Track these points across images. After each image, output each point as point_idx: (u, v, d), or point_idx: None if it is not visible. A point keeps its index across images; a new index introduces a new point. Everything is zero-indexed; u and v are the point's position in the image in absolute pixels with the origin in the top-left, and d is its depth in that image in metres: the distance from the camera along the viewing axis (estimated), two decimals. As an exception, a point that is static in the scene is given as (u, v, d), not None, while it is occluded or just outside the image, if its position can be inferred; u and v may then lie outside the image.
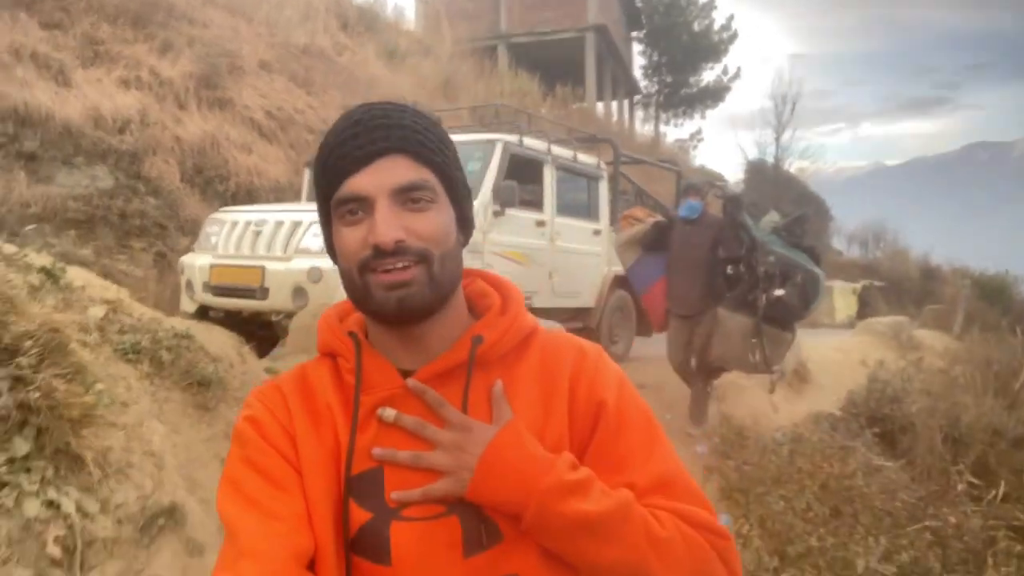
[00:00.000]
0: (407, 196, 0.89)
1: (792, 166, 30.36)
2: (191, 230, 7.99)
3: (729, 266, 5.37)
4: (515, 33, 23.10)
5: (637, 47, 29.87)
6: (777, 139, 29.70)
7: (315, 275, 4.64)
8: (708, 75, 30.69)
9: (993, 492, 5.49)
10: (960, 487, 5.45)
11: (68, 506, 1.71)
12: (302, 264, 4.77)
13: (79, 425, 1.82)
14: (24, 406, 1.71)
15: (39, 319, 1.82)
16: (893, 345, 11.10)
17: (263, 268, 4.95)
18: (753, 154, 30.30)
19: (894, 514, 4.09)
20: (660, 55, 29.80)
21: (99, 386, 1.92)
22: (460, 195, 0.97)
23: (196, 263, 5.42)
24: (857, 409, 7.29)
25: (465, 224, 0.98)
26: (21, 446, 1.70)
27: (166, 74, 10.40)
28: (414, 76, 16.14)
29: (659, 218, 6.14)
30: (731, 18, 30.35)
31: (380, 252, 0.87)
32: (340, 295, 1.02)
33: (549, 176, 6.68)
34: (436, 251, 0.90)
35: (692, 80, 30.83)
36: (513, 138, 6.27)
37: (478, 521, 0.89)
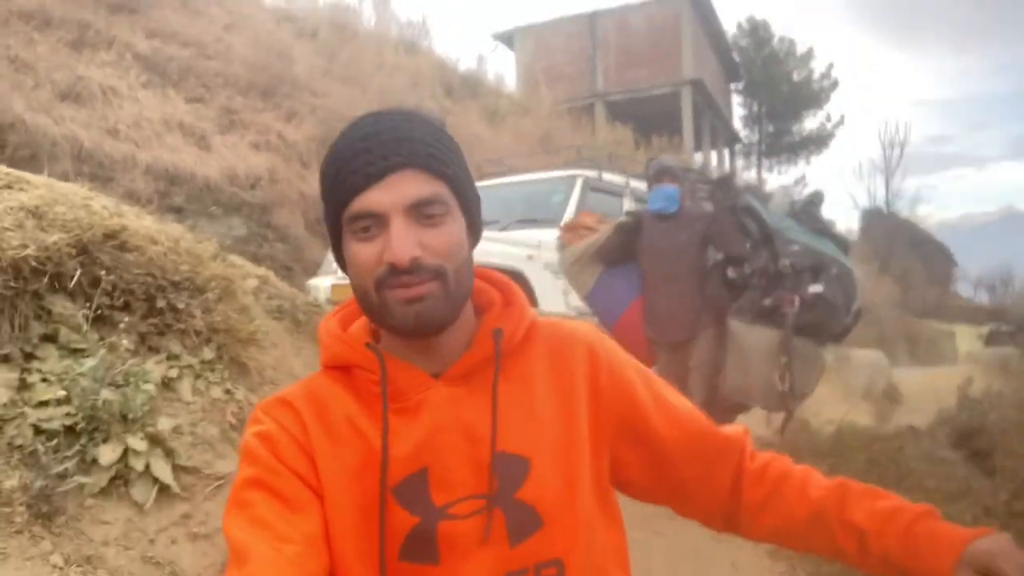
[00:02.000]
0: (421, 211, 0.89)
1: (905, 212, 29.66)
2: (313, 271, 8.95)
3: (730, 268, 4.01)
4: (611, 91, 23.79)
5: (737, 98, 30.10)
6: (887, 184, 29.24)
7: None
8: (810, 122, 30.60)
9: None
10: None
11: (239, 395, 2.41)
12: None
13: (246, 344, 2.52)
14: (210, 327, 2.43)
15: (218, 271, 2.56)
16: (999, 375, 10.91)
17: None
18: (864, 202, 29.78)
19: (944, 490, 4.35)
20: (760, 105, 29.98)
21: (257, 322, 2.64)
22: (470, 203, 0.96)
23: (321, 284, 6.31)
24: (945, 425, 7.36)
25: (475, 230, 0.98)
26: (208, 353, 2.40)
27: (291, 137, 11.58)
28: (514, 133, 17.04)
29: (619, 219, 4.63)
30: (831, 66, 30.30)
31: (396, 270, 0.87)
32: None
33: (628, 207, 7.24)
34: (451, 265, 0.90)
35: (794, 128, 30.77)
36: (593, 173, 6.87)
37: (520, 511, 0.92)
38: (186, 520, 2.02)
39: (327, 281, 6.21)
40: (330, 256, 6.64)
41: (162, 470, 2.01)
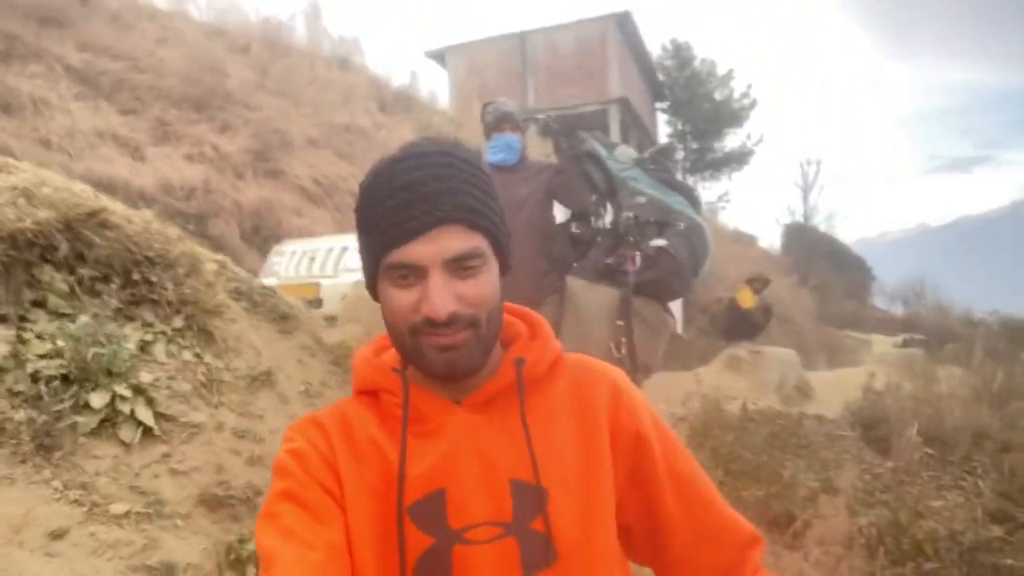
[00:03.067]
0: (459, 264, 0.90)
1: (823, 227, 30.97)
2: (251, 279, 9.17)
3: (575, 223, 3.63)
4: (542, 109, 24.36)
5: (662, 117, 31.14)
6: (805, 199, 30.56)
7: (359, 286, 5.70)
8: (732, 140, 31.83)
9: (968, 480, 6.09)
10: (926, 474, 6.07)
11: (207, 359, 2.70)
12: (348, 279, 5.86)
13: (211, 315, 2.81)
14: (180, 299, 2.71)
15: (187, 249, 2.85)
16: (907, 374, 11.64)
17: (319, 284, 6.05)
18: (784, 216, 31.03)
19: (837, 460, 4.85)
20: (684, 124, 31.07)
21: (221, 296, 2.94)
22: (503, 243, 0.98)
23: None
24: (849, 413, 7.96)
25: (505, 267, 1.00)
26: (178, 322, 2.68)
27: (225, 149, 11.70)
28: (447, 147, 17.34)
29: None
30: (750, 86, 31.63)
31: (433, 322, 0.89)
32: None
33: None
34: (484, 313, 0.92)
35: (716, 146, 31.93)
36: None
37: (535, 542, 0.92)
38: (166, 459, 2.31)
39: (272, 281, 6.44)
40: (273, 258, 6.92)
41: (145, 414, 2.30)
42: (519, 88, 24.28)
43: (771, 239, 29.97)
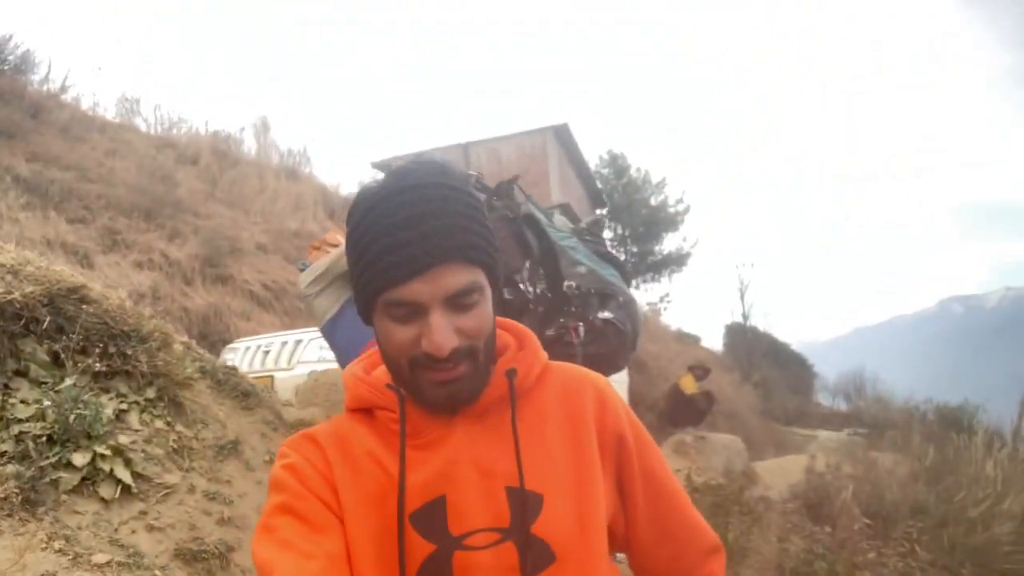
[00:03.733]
0: (458, 300, 0.92)
1: (763, 327, 31.76)
2: (200, 381, 9.17)
3: (507, 288, 3.48)
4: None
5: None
6: (742, 298, 31.57)
7: (313, 376, 5.85)
8: (669, 243, 32.99)
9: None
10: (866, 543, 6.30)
11: (178, 427, 2.83)
12: (303, 371, 5.99)
13: (181, 387, 2.97)
14: (152, 371, 2.87)
15: (159, 325, 3.03)
16: (847, 458, 11.97)
17: (272, 376, 6.17)
18: (724, 316, 31.86)
19: (778, 524, 5.06)
20: (623, 228, 32.20)
21: (189, 370, 3.09)
22: (498, 272, 0.99)
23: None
24: (793, 496, 8.20)
25: (497, 288, 1.01)
26: (151, 393, 2.83)
27: (174, 256, 11.82)
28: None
29: None
30: (683, 192, 33.10)
31: (433, 358, 0.91)
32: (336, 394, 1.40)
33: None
34: (481, 342, 0.95)
35: (656, 249, 33.03)
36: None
37: (533, 546, 0.94)
38: (143, 515, 2.43)
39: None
40: (227, 355, 7.04)
41: (123, 473, 2.43)
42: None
43: (714, 339, 30.67)
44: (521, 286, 3.33)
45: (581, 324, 3.30)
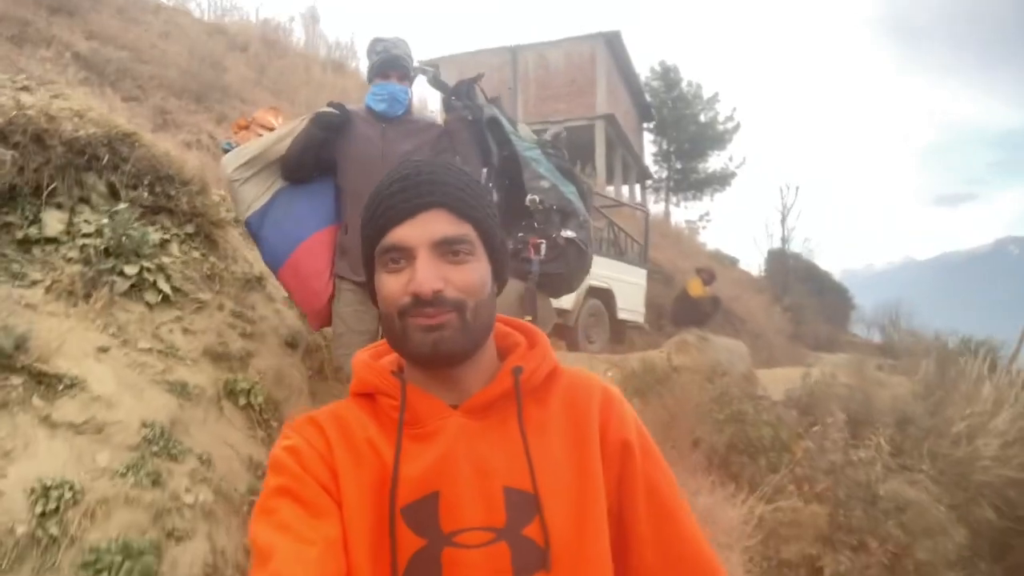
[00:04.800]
0: (447, 248, 0.95)
1: (804, 255, 31.47)
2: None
3: None
4: (530, 121, 24.86)
5: (648, 136, 31.94)
6: (783, 223, 31.35)
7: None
8: (715, 162, 32.67)
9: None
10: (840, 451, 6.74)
11: (211, 259, 3.37)
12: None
13: (216, 226, 3.50)
14: (192, 210, 3.39)
15: (198, 172, 3.54)
16: (847, 371, 12.31)
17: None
18: (762, 239, 31.63)
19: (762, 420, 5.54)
20: (669, 144, 31.92)
21: (224, 214, 3.62)
22: (496, 249, 1.02)
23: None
24: (788, 400, 8.64)
25: (500, 275, 1.03)
26: (189, 228, 3.36)
27: (221, 137, 12.34)
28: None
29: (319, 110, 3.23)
30: (735, 110, 32.55)
31: (419, 300, 0.93)
32: None
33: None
34: (471, 301, 0.96)
35: (700, 167, 32.74)
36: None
37: (527, 548, 0.94)
38: (179, 320, 2.97)
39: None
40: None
41: (164, 286, 2.96)
42: (509, 101, 24.92)
43: (751, 262, 30.66)
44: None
45: (543, 241, 3.20)
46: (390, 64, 3.17)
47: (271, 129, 3.83)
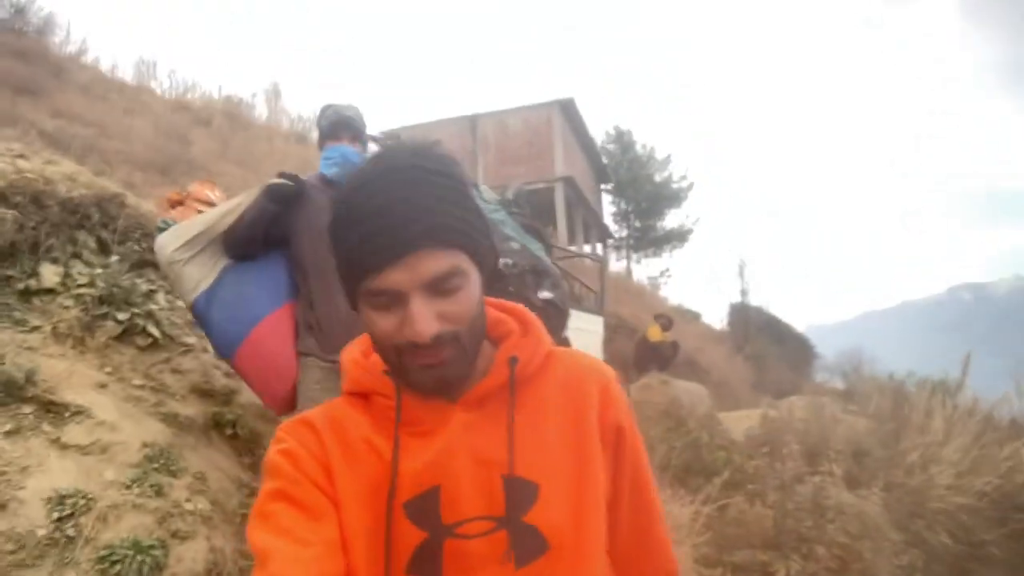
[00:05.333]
0: (438, 286, 0.90)
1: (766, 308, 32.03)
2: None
3: None
4: (491, 185, 25.37)
5: (607, 198, 32.75)
6: (741, 276, 32.09)
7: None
8: (672, 220, 33.54)
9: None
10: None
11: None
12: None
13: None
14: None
15: (179, 230, 3.87)
16: (811, 412, 12.65)
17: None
18: (716, 292, 32.31)
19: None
20: (627, 203, 32.77)
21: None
22: (484, 255, 0.98)
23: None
24: (749, 439, 8.92)
25: (485, 270, 0.99)
26: (173, 280, 3.69)
27: (189, 210, 12.59)
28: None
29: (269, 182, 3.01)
30: (687, 169, 33.69)
31: (417, 346, 0.90)
32: None
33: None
34: (466, 327, 0.93)
35: (658, 225, 33.57)
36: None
37: (527, 534, 0.94)
38: (168, 361, 3.23)
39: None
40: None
41: (154, 330, 3.23)
42: (470, 166, 25.45)
43: (716, 318, 31.17)
44: None
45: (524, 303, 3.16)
46: (342, 125, 3.05)
47: (208, 203, 3.66)
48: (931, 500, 8.04)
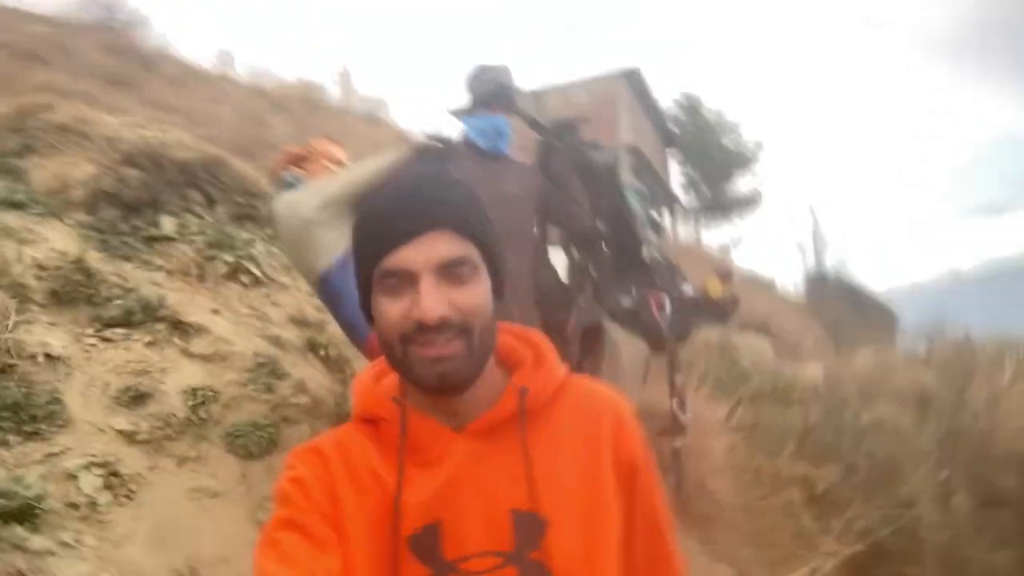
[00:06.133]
0: (450, 271, 0.91)
1: (838, 270, 31.42)
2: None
3: (577, 248, 3.02)
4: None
5: (676, 165, 32.58)
6: (815, 241, 31.58)
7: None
8: (742, 185, 33.12)
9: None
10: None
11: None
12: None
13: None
14: (271, 217, 4.26)
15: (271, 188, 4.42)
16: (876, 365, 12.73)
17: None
18: (794, 257, 31.74)
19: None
20: (695, 170, 32.55)
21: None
22: (497, 264, 0.98)
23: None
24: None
25: (500, 292, 0.99)
26: (270, 231, 4.23)
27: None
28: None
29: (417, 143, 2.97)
30: (758, 133, 33.17)
31: (423, 327, 0.90)
32: None
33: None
34: (476, 323, 0.92)
35: (727, 190, 33.22)
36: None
37: (534, 571, 0.92)
38: (268, 296, 3.77)
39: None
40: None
41: (255, 270, 3.78)
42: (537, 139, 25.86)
43: (788, 284, 30.71)
44: (593, 247, 2.85)
45: (666, 296, 2.91)
46: (499, 95, 2.80)
47: (338, 162, 3.33)
48: (997, 444, 8.09)
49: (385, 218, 0.93)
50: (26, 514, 2.01)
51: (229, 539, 2.31)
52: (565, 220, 2.88)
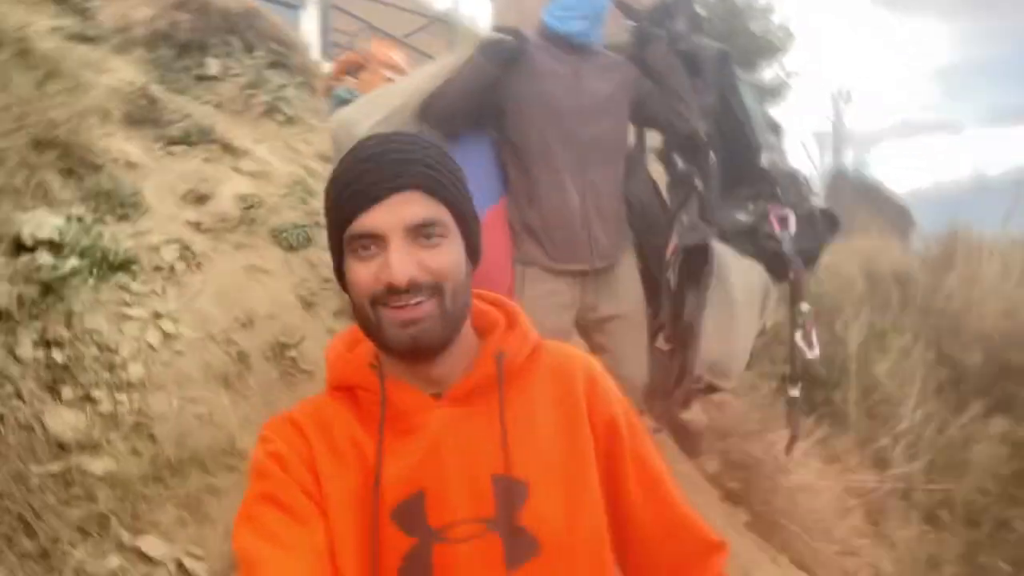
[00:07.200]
0: (420, 232, 0.91)
1: (856, 162, 31.43)
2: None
3: (680, 154, 2.54)
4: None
5: (700, 48, 32.10)
6: (835, 131, 31.42)
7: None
8: (767, 73, 32.70)
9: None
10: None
11: (317, 102, 4.79)
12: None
13: (315, 77, 4.93)
14: (300, 66, 4.79)
15: (302, 40, 4.92)
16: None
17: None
18: (811, 144, 31.78)
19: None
20: (720, 56, 32.14)
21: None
22: (470, 226, 0.98)
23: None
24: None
25: (474, 254, 0.99)
26: (299, 78, 4.77)
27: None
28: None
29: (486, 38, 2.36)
30: (787, 20, 32.43)
31: (393, 289, 0.89)
32: None
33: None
34: (448, 285, 0.92)
35: (753, 78, 32.84)
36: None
37: (517, 535, 0.92)
38: (300, 134, 4.36)
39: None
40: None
41: (288, 109, 4.36)
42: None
43: (808, 175, 30.71)
44: (699, 153, 2.45)
45: (789, 211, 2.45)
46: None
47: (397, 68, 3.08)
48: (969, 321, 8.48)
49: (353, 181, 0.92)
50: (126, 267, 2.70)
51: (277, 302, 3.04)
52: (665, 123, 2.48)
